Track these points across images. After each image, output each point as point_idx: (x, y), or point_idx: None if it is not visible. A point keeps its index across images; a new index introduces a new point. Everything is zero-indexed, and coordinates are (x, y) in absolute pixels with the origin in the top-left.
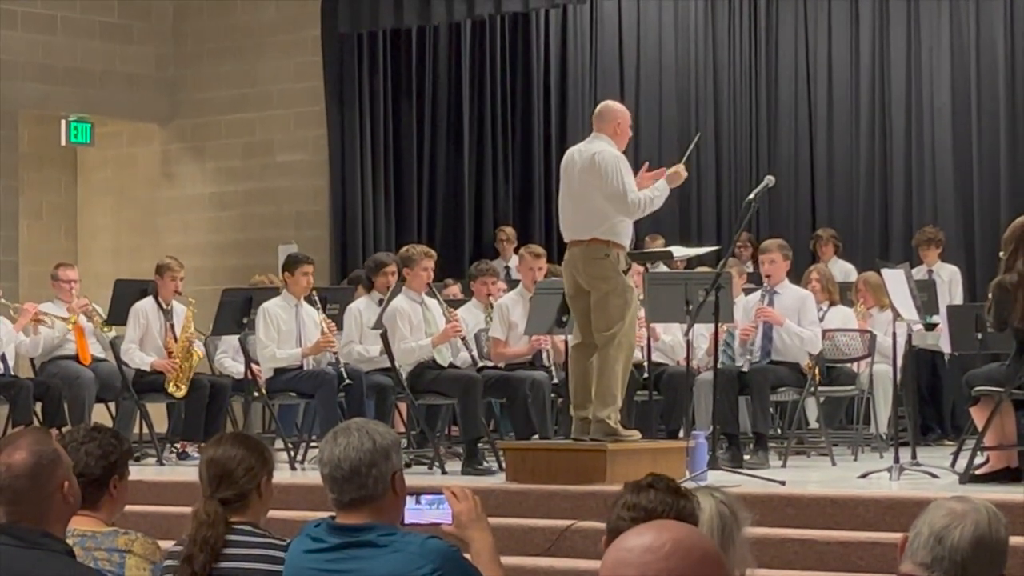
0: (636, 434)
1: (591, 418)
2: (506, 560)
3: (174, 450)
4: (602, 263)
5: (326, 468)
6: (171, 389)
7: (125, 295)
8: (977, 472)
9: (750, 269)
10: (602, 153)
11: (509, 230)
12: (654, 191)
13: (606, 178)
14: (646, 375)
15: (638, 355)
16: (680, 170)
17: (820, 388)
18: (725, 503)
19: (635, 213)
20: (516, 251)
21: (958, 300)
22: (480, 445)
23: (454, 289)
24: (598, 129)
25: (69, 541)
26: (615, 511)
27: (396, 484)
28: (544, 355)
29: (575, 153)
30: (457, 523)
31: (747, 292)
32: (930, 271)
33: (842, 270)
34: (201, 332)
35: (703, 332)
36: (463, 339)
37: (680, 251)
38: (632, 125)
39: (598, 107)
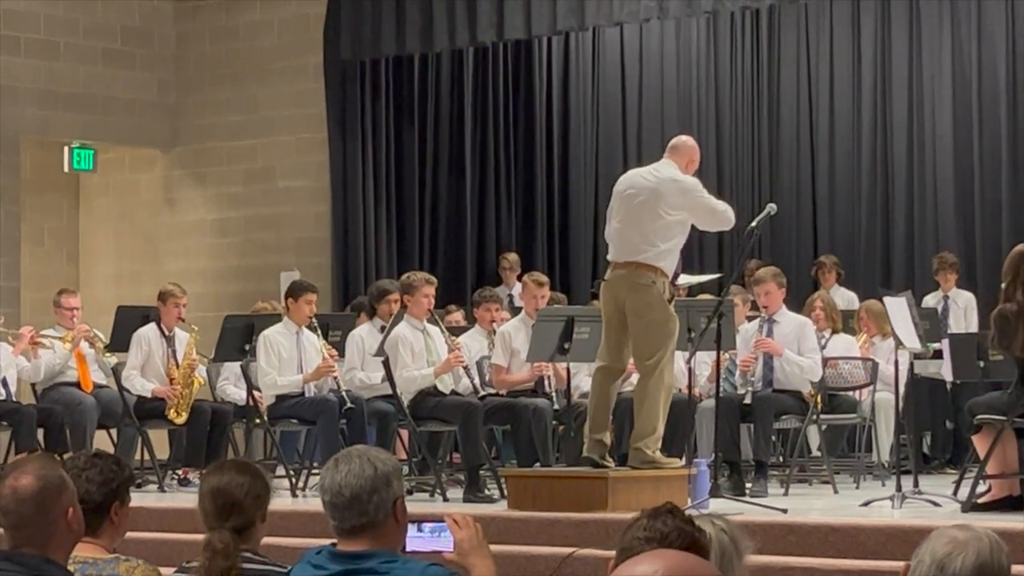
0: (676, 461)
1: (609, 442)
2: None
3: (175, 476)
4: (648, 290)
5: (327, 495)
6: (171, 415)
7: (127, 322)
8: (979, 500)
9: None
10: (682, 177)
11: (513, 257)
12: (722, 204)
13: (695, 199)
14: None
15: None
16: None
17: (822, 416)
18: (726, 531)
19: (726, 222)
20: (519, 278)
21: (974, 327)
22: (482, 472)
23: (457, 316)
24: (669, 157)
25: (70, 568)
26: (630, 532)
27: (397, 511)
28: (546, 382)
29: (640, 175)
30: (459, 550)
31: (751, 319)
32: (946, 297)
33: (844, 298)
34: (204, 356)
35: (705, 359)
36: (465, 367)
37: (683, 279)
38: (634, 153)
39: (676, 138)
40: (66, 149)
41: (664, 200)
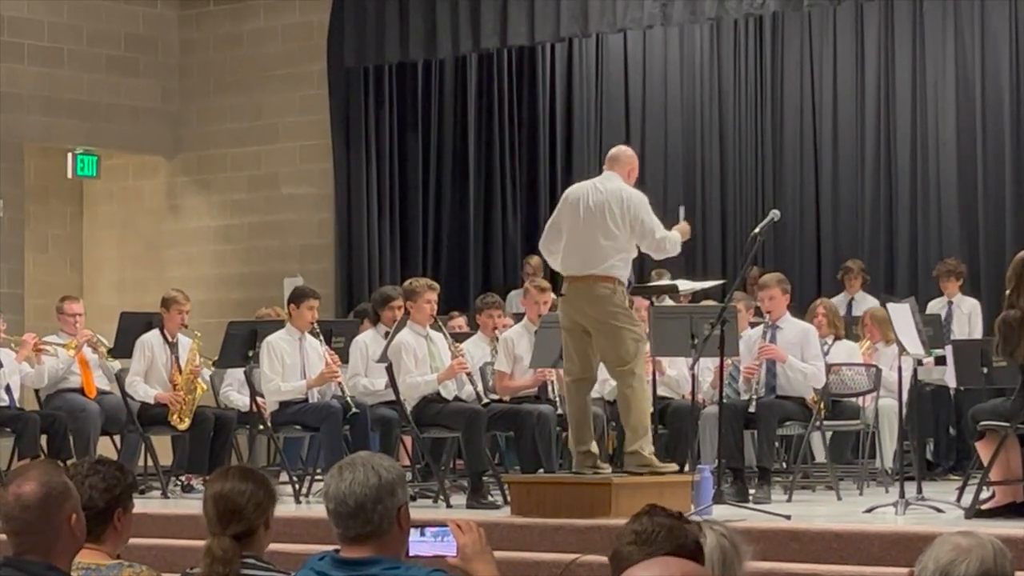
0: (673, 466)
1: (596, 451)
2: None
3: (179, 483)
4: (610, 299)
5: (331, 503)
6: (174, 422)
7: (130, 328)
8: (983, 507)
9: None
10: (629, 191)
11: (536, 261)
12: (673, 235)
13: (637, 217)
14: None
15: None
16: (686, 228)
17: (825, 423)
18: (726, 536)
19: (663, 250)
20: None
21: (978, 333)
22: (485, 479)
23: (459, 322)
24: (610, 168)
25: (74, 574)
26: (618, 540)
27: (401, 518)
28: (549, 388)
29: (589, 189)
30: (462, 555)
31: (753, 326)
32: (950, 303)
33: (871, 305)
34: (209, 358)
35: (708, 366)
36: (468, 373)
37: (685, 285)
38: (638, 158)
39: (613, 149)
40: (70, 156)
41: (613, 213)
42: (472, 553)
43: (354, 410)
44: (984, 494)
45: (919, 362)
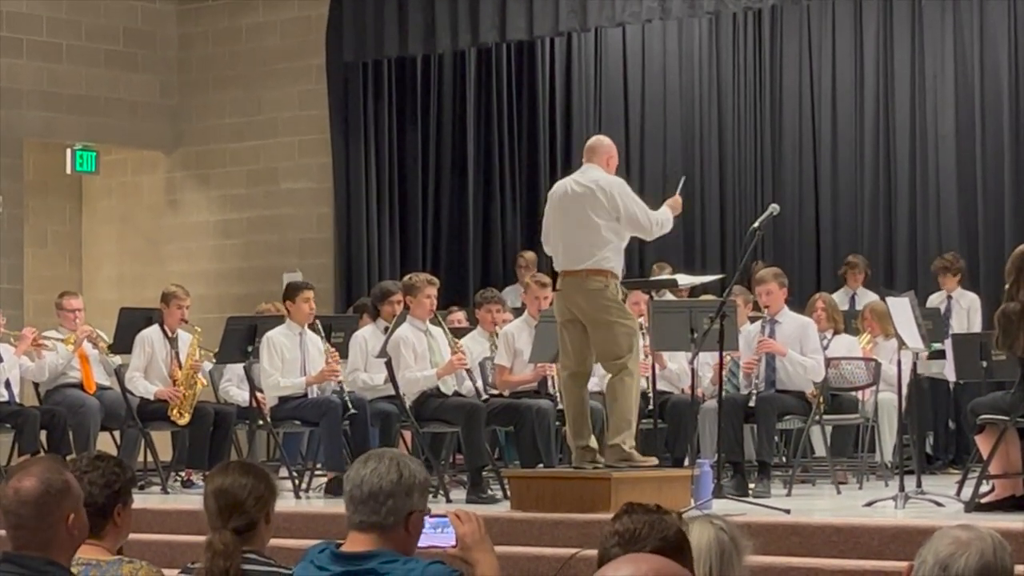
0: (652, 460)
1: (596, 445)
2: None
3: (179, 478)
4: (603, 293)
5: (348, 485)
6: (174, 417)
7: (130, 324)
8: (982, 500)
9: None
10: (608, 180)
11: (529, 255)
12: (662, 214)
13: (618, 203)
14: (651, 406)
15: (643, 383)
16: (677, 202)
17: (825, 416)
18: (725, 531)
19: (654, 232)
20: None
21: (977, 328)
22: (484, 473)
23: (458, 316)
24: (589, 160)
25: (74, 570)
26: (602, 543)
27: (410, 523)
28: (549, 382)
29: (570, 183)
30: (462, 545)
31: (753, 320)
32: (949, 297)
33: (871, 299)
34: (209, 351)
35: (708, 360)
36: (467, 370)
37: (685, 279)
38: (636, 152)
39: (590, 140)
40: (69, 151)
41: (594, 204)
42: (472, 542)
43: (352, 411)
44: (984, 488)
45: (917, 355)
